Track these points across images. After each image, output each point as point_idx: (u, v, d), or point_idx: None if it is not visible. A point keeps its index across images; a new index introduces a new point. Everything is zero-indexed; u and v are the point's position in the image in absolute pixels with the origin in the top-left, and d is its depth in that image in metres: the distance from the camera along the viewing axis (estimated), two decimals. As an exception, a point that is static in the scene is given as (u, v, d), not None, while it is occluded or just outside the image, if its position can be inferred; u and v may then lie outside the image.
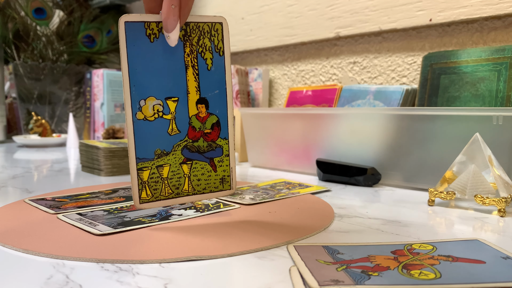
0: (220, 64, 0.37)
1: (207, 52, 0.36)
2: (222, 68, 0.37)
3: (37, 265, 0.28)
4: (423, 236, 0.35)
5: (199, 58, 0.36)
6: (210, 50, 0.36)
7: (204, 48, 0.36)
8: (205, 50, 0.36)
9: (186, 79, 0.36)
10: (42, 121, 1.16)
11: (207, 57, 0.36)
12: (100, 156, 0.64)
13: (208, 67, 0.36)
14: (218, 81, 0.37)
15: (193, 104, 0.36)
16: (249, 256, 0.30)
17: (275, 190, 0.52)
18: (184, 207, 0.42)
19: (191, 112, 0.36)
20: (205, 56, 0.36)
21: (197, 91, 0.36)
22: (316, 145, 0.66)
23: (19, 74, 1.26)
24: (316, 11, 0.93)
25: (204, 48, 0.36)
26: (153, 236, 0.33)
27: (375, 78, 0.87)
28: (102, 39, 1.37)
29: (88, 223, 0.36)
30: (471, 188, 0.44)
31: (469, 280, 0.24)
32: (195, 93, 0.36)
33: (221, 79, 0.37)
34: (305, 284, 0.24)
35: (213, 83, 0.37)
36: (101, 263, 0.28)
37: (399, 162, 0.57)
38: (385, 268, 0.26)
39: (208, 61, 0.36)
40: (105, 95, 1.15)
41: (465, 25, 0.74)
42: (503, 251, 0.29)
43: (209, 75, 0.36)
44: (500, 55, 0.62)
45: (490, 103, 0.62)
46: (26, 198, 0.47)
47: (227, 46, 0.37)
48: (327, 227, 0.37)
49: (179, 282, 0.25)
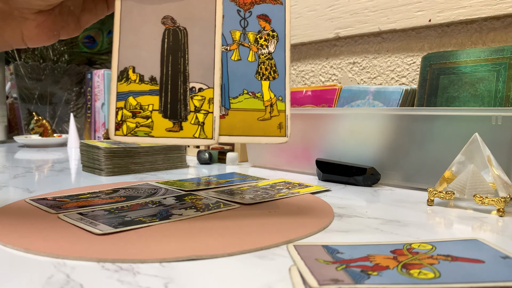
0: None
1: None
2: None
3: (38, 265, 0.28)
4: (423, 235, 0.35)
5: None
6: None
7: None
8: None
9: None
10: (43, 121, 1.17)
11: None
12: (101, 156, 0.65)
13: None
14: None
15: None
16: (249, 256, 0.30)
17: (275, 190, 0.52)
18: (184, 207, 0.42)
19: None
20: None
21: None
22: (316, 145, 0.66)
23: (20, 74, 1.26)
24: (315, 11, 0.93)
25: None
26: (154, 235, 0.33)
27: (374, 79, 0.87)
28: (103, 39, 1.38)
29: (89, 222, 0.36)
30: (470, 188, 0.44)
31: (468, 279, 0.24)
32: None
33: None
34: (305, 283, 0.24)
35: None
36: (102, 263, 0.28)
37: (399, 162, 0.57)
38: (385, 267, 0.26)
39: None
40: (106, 95, 1.16)
41: (464, 25, 0.74)
42: (502, 251, 0.29)
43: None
44: (499, 55, 0.62)
45: (489, 103, 0.62)
46: (27, 198, 0.47)
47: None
48: (327, 226, 0.38)
49: (179, 281, 0.25)
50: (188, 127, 0.36)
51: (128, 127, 0.35)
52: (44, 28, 0.37)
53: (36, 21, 0.36)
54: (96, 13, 0.40)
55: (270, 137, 0.38)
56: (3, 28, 0.35)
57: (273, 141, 0.38)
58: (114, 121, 0.35)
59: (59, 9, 0.38)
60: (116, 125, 0.35)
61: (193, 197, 0.47)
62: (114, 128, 0.35)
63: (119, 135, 0.35)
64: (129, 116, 0.35)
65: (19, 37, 0.36)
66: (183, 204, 0.44)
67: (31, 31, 0.36)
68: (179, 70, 0.36)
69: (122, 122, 0.35)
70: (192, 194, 0.49)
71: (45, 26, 0.37)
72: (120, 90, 0.35)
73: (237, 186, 0.55)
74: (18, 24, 0.36)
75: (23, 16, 0.35)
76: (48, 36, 0.37)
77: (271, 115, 0.38)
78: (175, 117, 0.36)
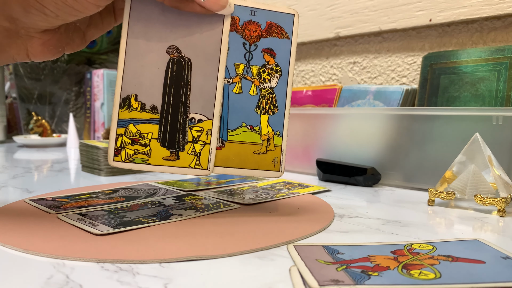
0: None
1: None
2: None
3: (37, 265, 0.28)
4: (423, 236, 0.35)
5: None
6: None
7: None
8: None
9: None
10: (42, 121, 1.17)
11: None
12: (100, 156, 0.64)
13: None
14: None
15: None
16: (249, 256, 0.30)
17: (275, 190, 0.52)
18: (184, 207, 0.42)
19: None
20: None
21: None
22: (316, 145, 0.66)
23: (19, 74, 1.26)
24: (316, 11, 0.93)
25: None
26: (153, 236, 0.33)
27: (375, 78, 0.87)
28: (102, 39, 1.37)
29: (88, 223, 0.36)
30: (471, 188, 0.44)
31: (469, 280, 0.24)
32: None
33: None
34: (305, 284, 0.24)
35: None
36: (101, 263, 0.28)
37: (399, 162, 0.57)
38: (385, 268, 0.26)
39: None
40: (105, 95, 1.15)
41: (465, 25, 0.74)
42: (503, 251, 0.29)
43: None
44: (500, 55, 0.62)
45: (490, 103, 0.62)
46: (26, 198, 0.47)
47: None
48: (327, 227, 0.37)
49: (179, 282, 0.25)
50: (184, 156, 0.37)
51: (127, 153, 0.36)
52: (49, 45, 0.37)
53: (41, 40, 0.36)
54: (102, 28, 0.40)
55: (264, 171, 0.38)
56: (10, 46, 0.36)
57: (266, 175, 0.38)
58: (114, 147, 0.35)
59: (64, 27, 0.38)
60: (115, 151, 0.35)
61: (192, 197, 0.47)
62: (113, 154, 0.35)
63: (117, 161, 0.36)
64: (128, 143, 0.36)
65: (24, 53, 0.37)
66: (183, 204, 0.44)
67: (36, 49, 0.37)
68: (180, 100, 0.36)
69: (121, 149, 0.36)
70: (192, 194, 0.48)
71: (50, 44, 0.37)
72: (122, 117, 0.36)
73: (237, 186, 0.55)
74: (24, 41, 0.36)
75: (29, 34, 0.36)
76: (52, 53, 0.38)
77: (267, 149, 0.38)
78: (173, 147, 0.37)
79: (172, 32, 0.36)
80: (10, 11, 0.34)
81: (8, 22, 0.34)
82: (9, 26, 0.35)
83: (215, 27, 0.37)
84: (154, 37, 0.36)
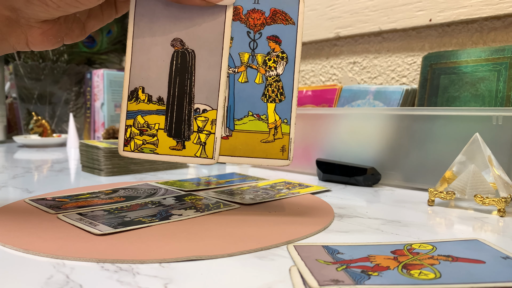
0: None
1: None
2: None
3: (37, 265, 0.28)
4: (423, 236, 0.35)
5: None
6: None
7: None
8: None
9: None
10: (42, 121, 1.17)
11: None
12: (100, 156, 0.64)
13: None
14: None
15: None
16: (249, 256, 0.30)
17: (275, 190, 0.52)
18: (184, 207, 0.42)
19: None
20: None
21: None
22: (316, 145, 0.66)
23: (20, 74, 1.26)
24: (316, 11, 0.93)
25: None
26: (153, 236, 0.33)
27: (375, 78, 0.87)
28: (102, 39, 1.38)
29: (88, 223, 0.36)
30: (471, 188, 0.44)
31: (469, 280, 0.24)
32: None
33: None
34: (305, 284, 0.24)
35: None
36: (101, 263, 0.28)
37: (399, 162, 0.57)
38: (385, 268, 0.26)
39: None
40: (105, 95, 1.15)
41: (465, 25, 0.74)
42: (503, 251, 0.29)
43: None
44: (499, 55, 0.62)
45: (490, 103, 0.62)
46: (26, 198, 0.47)
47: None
48: (327, 227, 0.37)
49: (179, 282, 0.25)
50: (190, 146, 0.38)
51: (136, 143, 0.37)
52: (49, 35, 0.37)
53: (41, 29, 0.37)
54: (102, 19, 0.41)
55: (272, 159, 0.38)
56: (10, 34, 0.36)
57: (274, 164, 0.38)
58: (123, 138, 0.37)
59: (64, 17, 0.38)
60: (124, 141, 0.37)
61: (192, 197, 0.47)
62: (123, 144, 0.37)
63: (127, 151, 0.37)
64: (136, 133, 0.37)
65: (24, 42, 0.37)
66: (183, 204, 0.44)
67: (36, 38, 0.37)
68: (185, 91, 0.37)
69: (130, 139, 0.37)
70: (192, 194, 0.48)
71: (50, 34, 0.37)
72: (130, 109, 0.37)
73: (237, 186, 0.55)
74: (24, 31, 0.37)
75: (29, 24, 0.36)
76: (52, 42, 0.38)
77: (274, 137, 0.38)
78: (179, 136, 0.38)
79: (175, 25, 0.37)
80: (12, 1, 0.34)
81: (9, 11, 0.35)
82: (10, 15, 0.35)
83: (217, 17, 0.37)
84: (159, 31, 0.37)
